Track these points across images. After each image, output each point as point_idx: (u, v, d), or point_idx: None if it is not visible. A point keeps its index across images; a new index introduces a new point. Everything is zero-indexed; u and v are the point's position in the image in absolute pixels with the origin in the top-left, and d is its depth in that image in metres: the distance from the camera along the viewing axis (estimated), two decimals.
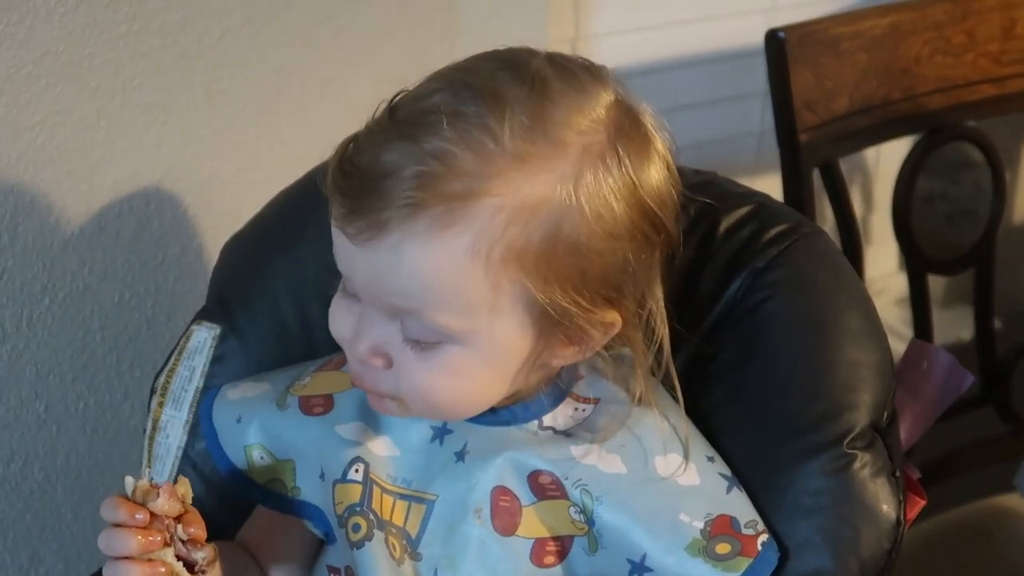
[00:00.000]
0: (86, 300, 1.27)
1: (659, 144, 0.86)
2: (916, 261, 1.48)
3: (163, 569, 0.82)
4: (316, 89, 1.34)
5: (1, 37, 1.14)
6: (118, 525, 0.82)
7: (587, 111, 0.83)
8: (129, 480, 0.84)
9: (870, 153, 1.84)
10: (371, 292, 0.84)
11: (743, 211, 0.99)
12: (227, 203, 1.32)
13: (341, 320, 0.88)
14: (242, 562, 0.94)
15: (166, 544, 0.83)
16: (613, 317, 0.86)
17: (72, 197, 1.23)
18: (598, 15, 1.60)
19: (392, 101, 0.84)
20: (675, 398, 0.92)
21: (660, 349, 0.89)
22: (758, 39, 1.36)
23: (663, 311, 0.88)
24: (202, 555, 0.84)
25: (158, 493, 0.83)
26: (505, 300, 0.83)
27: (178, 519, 0.84)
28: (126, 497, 0.84)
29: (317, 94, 1.34)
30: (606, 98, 0.84)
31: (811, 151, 1.35)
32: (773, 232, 0.98)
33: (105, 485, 1.34)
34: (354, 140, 0.84)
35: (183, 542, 0.84)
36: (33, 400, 1.27)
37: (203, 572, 0.85)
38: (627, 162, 0.83)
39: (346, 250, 0.84)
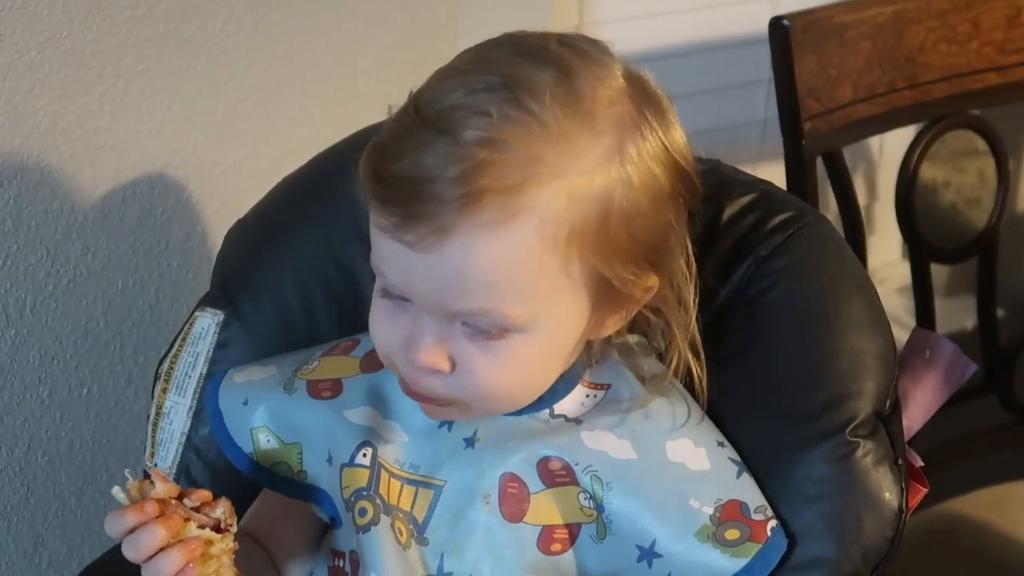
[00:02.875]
0: (90, 286, 1.27)
1: (667, 102, 0.87)
2: (919, 250, 1.48)
3: (197, 544, 0.83)
4: (319, 76, 1.34)
5: (5, 22, 1.14)
6: (131, 531, 0.82)
7: (608, 82, 0.83)
8: (117, 489, 0.84)
9: (874, 141, 1.84)
10: (434, 299, 0.82)
11: (746, 199, 0.99)
12: (231, 190, 1.32)
13: (390, 329, 0.86)
14: (246, 549, 0.94)
15: (186, 520, 0.83)
16: (653, 281, 0.87)
17: (76, 183, 1.23)
18: (602, 2, 1.60)
19: (414, 101, 0.82)
20: (693, 376, 0.92)
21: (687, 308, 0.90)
22: (762, 27, 1.36)
23: (694, 267, 0.89)
24: (220, 511, 0.85)
25: (152, 483, 0.84)
26: (569, 280, 0.83)
27: (179, 497, 0.85)
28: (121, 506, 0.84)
29: (320, 81, 1.34)
30: (617, 66, 0.85)
31: (815, 139, 1.35)
32: (777, 220, 0.98)
33: (108, 471, 1.34)
34: (382, 147, 0.82)
35: (195, 511, 0.84)
36: (36, 385, 1.27)
37: (229, 527, 0.85)
38: (655, 126, 0.84)
39: (402, 259, 0.82)
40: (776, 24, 1.33)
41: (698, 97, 1.70)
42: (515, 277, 0.81)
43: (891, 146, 1.83)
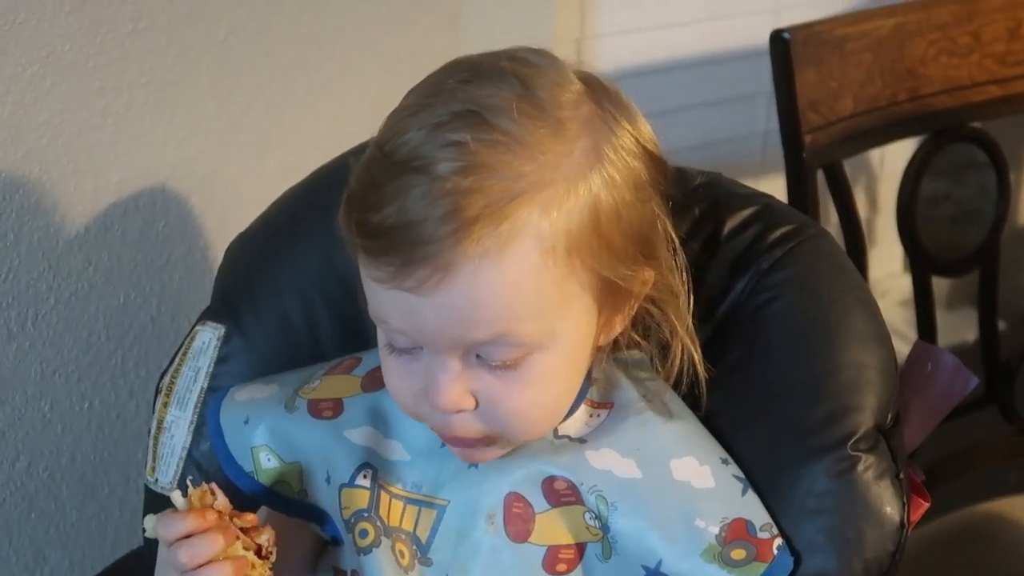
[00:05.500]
0: (91, 299, 1.27)
1: (623, 93, 0.87)
2: (920, 262, 1.48)
3: (244, 563, 0.84)
4: (320, 87, 1.34)
5: (7, 36, 1.14)
6: (186, 537, 0.83)
7: (567, 86, 0.83)
8: (177, 494, 0.86)
9: (875, 154, 1.84)
10: (448, 336, 0.81)
11: (747, 212, 0.99)
12: (233, 202, 1.32)
13: (406, 381, 0.85)
14: None
15: (236, 539, 0.85)
16: (649, 274, 0.87)
17: (77, 196, 1.23)
18: (604, 14, 1.60)
19: (381, 146, 0.82)
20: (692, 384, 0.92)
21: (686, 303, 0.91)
22: (763, 39, 1.36)
23: (681, 253, 0.90)
24: (265, 537, 0.86)
25: (213, 493, 0.85)
26: (577, 288, 0.83)
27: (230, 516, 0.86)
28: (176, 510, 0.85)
29: (322, 92, 1.34)
30: (569, 70, 0.85)
31: (815, 152, 1.35)
32: (778, 233, 0.97)
33: (110, 485, 1.34)
34: (360, 199, 0.81)
35: (243, 531, 0.85)
36: (38, 399, 1.27)
37: (270, 554, 0.86)
38: (620, 119, 0.84)
39: (406, 306, 0.81)
40: (777, 37, 1.33)
41: (699, 109, 1.71)
42: (524, 297, 0.81)
43: (892, 159, 1.83)
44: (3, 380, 1.24)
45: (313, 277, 1.03)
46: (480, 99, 0.80)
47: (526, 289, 0.80)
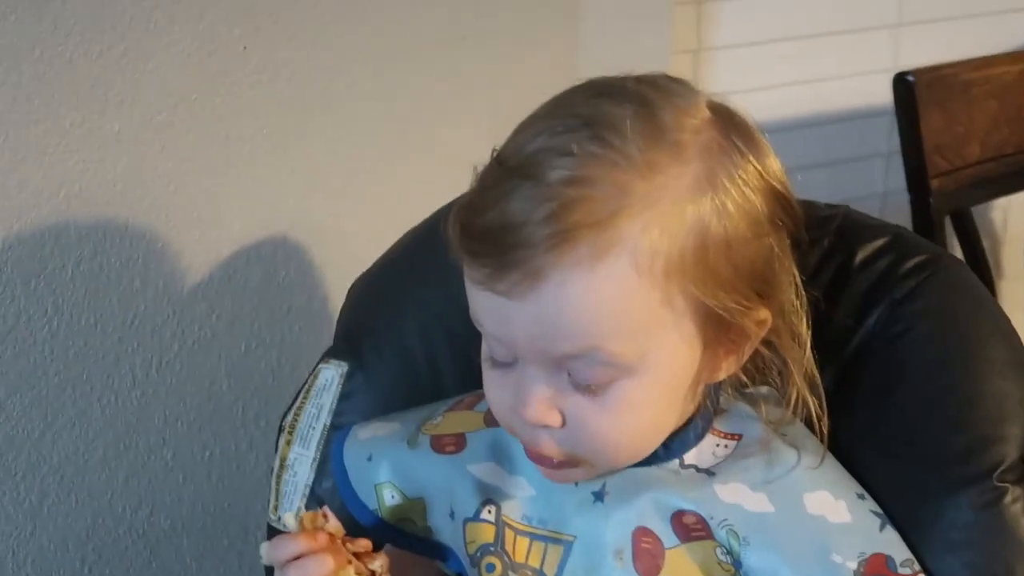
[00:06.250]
0: (213, 348, 1.28)
1: (757, 129, 0.85)
2: None
3: None
4: (437, 136, 1.35)
5: (137, 85, 1.17)
6: (297, 559, 0.83)
7: (691, 112, 0.82)
8: (289, 516, 0.85)
9: (997, 215, 1.81)
10: (536, 346, 0.81)
11: (879, 242, 0.97)
12: (352, 253, 1.32)
13: (499, 392, 0.85)
14: None
15: (348, 563, 0.84)
16: (765, 314, 0.84)
17: (201, 244, 1.25)
18: (717, 75, 1.60)
19: (498, 155, 0.83)
20: (814, 411, 0.89)
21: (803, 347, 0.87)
22: (880, 99, 1.35)
23: (804, 297, 0.87)
24: (378, 564, 0.85)
25: (325, 516, 0.85)
26: (673, 314, 0.81)
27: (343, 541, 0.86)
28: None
29: (438, 141, 1.35)
30: (702, 98, 0.84)
31: (943, 197, 1.33)
32: (911, 263, 0.95)
33: (229, 537, 1.34)
34: (468, 203, 0.82)
35: (356, 557, 0.85)
36: (160, 447, 1.28)
37: None
38: (745, 152, 0.82)
39: (499, 310, 0.81)
40: (901, 80, 1.32)
41: (816, 170, 1.69)
42: (614, 313, 0.79)
43: (1016, 218, 1.79)
44: (127, 426, 1.26)
45: (435, 314, 1.03)
46: (596, 115, 0.80)
47: (616, 306, 0.79)
